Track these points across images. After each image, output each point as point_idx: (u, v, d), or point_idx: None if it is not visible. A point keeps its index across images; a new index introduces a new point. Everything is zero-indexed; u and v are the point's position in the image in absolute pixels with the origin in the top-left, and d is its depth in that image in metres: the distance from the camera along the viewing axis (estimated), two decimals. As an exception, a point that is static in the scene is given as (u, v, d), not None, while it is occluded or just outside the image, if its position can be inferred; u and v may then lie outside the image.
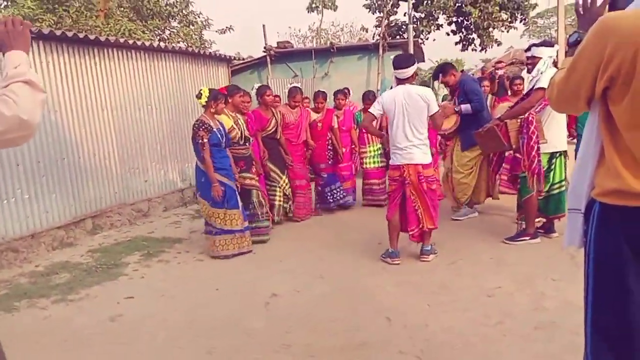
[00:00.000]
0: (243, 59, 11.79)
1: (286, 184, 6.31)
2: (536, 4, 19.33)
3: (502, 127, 4.90)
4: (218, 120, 5.18)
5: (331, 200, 6.89)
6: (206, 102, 5.06)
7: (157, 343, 3.43)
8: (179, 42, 14.22)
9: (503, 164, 5.69)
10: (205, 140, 4.94)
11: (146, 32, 13.54)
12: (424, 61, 19.76)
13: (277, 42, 12.31)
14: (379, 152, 7.16)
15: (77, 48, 6.46)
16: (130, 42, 7.40)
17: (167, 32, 15.06)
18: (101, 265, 5.17)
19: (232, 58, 10.46)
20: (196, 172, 5.25)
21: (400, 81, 4.63)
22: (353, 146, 7.30)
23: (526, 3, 18.75)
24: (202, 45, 14.99)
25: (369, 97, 7.14)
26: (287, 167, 6.37)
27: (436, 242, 5.09)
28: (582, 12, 2.04)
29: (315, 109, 6.91)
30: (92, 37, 6.61)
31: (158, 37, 14.37)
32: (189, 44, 13.88)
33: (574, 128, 7.18)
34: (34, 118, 1.49)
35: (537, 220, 5.19)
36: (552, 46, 4.87)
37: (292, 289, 4.26)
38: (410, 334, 3.31)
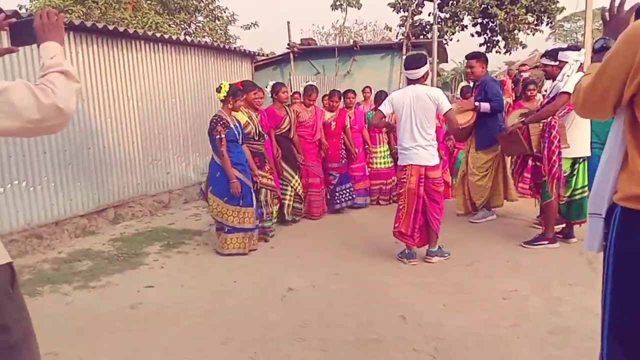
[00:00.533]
0: (266, 55, 11.87)
1: (298, 184, 6.31)
2: (563, 8, 19.08)
3: (524, 130, 4.89)
4: (235, 117, 5.18)
5: (338, 202, 6.85)
6: (224, 97, 5.04)
7: (176, 331, 3.51)
8: (204, 36, 14.40)
9: (524, 173, 5.69)
10: (223, 135, 4.93)
11: (172, 25, 13.74)
12: (446, 62, 19.67)
13: (301, 39, 12.38)
14: (388, 152, 7.36)
15: (105, 39, 6.59)
16: (158, 35, 7.52)
17: (193, 26, 15.27)
18: (122, 254, 5.29)
19: (256, 54, 10.55)
20: (211, 167, 5.20)
21: (410, 81, 4.61)
22: (366, 146, 7.33)
23: (553, 6, 18.53)
24: (227, 40, 15.16)
25: (381, 97, 7.12)
26: (299, 166, 6.36)
27: (453, 243, 5.11)
28: (608, 19, 2.04)
29: (329, 108, 6.89)
30: (121, 29, 6.73)
31: (184, 31, 14.58)
32: (214, 39, 14.04)
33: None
34: (69, 107, 1.54)
35: (556, 225, 5.16)
36: (579, 50, 4.83)
37: (308, 284, 4.31)
38: (424, 333, 3.33)
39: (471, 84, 6.73)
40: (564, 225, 5.23)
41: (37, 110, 1.46)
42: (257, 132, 5.52)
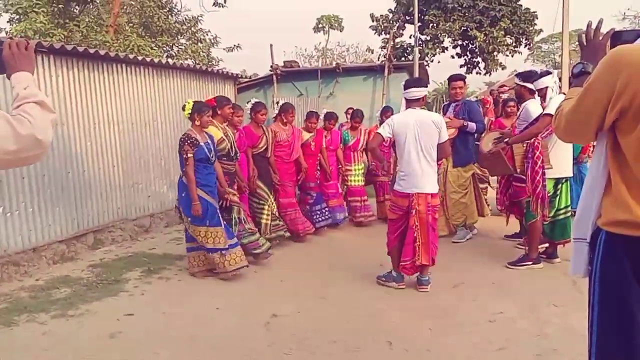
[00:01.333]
0: (249, 77, 11.90)
1: (273, 204, 6.21)
2: (541, 30, 19.53)
3: (508, 150, 4.93)
4: (207, 133, 5.06)
5: (318, 221, 6.84)
6: (189, 114, 4.92)
7: (157, 361, 3.41)
8: (186, 58, 14.38)
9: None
10: (190, 155, 4.81)
11: (154, 48, 13.70)
12: (428, 83, 19.89)
13: (284, 61, 12.45)
14: (362, 170, 7.50)
15: (86, 63, 6.53)
16: (139, 58, 7.48)
17: (175, 48, 15.26)
18: (102, 280, 5.16)
19: (239, 76, 10.56)
20: (179, 186, 5.09)
21: (410, 103, 4.53)
22: (340, 166, 7.40)
23: (531, 28, 18.95)
24: (210, 63, 15.16)
25: (357, 115, 7.45)
26: (274, 186, 6.30)
27: (438, 266, 5.08)
28: (585, 44, 2.07)
29: (307, 129, 6.87)
30: (102, 52, 6.68)
31: (166, 54, 14.55)
32: (197, 61, 14.03)
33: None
34: (47, 137, 1.52)
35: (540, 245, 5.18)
36: (551, 73, 5.01)
37: (293, 310, 4.23)
38: (411, 358, 3.28)
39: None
40: (547, 245, 5.24)
41: (14, 142, 1.43)
42: (233, 149, 5.42)
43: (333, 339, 3.62)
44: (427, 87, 4.58)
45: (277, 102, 6.66)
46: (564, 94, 7.33)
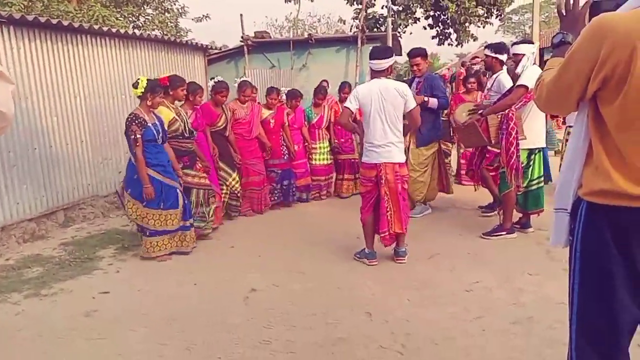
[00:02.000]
0: (219, 49, 11.62)
1: (236, 182, 6.19)
2: (512, 1, 19.54)
3: (482, 122, 4.94)
4: (155, 114, 4.86)
5: (281, 196, 6.87)
6: (142, 93, 4.71)
7: (136, 338, 3.36)
8: (153, 29, 13.96)
9: (461, 160, 5.88)
10: (139, 135, 4.61)
11: (120, 18, 13.25)
12: (401, 54, 19.83)
13: (255, 32, 12.16)
14: (328, 149, 7.38)
15: (49, 34, 6.27)
16: (105, 29, 7.22)
17: (142, 19, 14.78)
18: (75, 259, 5.05)
19: (208, 47, 10.31)
20: (128, 168, 4.89)
21: (375, 73, 4.45)
22: (306, 144, 7.26)
23: (502, -1, 18.93)
24: (178, 34, 14.76)
25: (320, 92, 7.31)
26: (237, 165, 6.24)
27: (412, 237, 5.13)
28: (564, 14, 2.05)
29: (268, 105, 6.74)
30: (65, 23, 6.41)
31: (132, 25, 14.09)
32: (164, 32, 13.64)
33: None
34: (9, 110, 1.43)
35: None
36: (533, 44, 4.96)
37: (270, 284, 4.22)
38: (391, 329, 3.32)
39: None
40: (521, 215, 5.33)
41: None
42: (187, 129, 5.22)
43: (312, 312, 3.63)
44: (392, 56, 4.50)
45: (242, 77, 6.47)
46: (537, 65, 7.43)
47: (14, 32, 5.76)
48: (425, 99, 5.69)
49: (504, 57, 5.30)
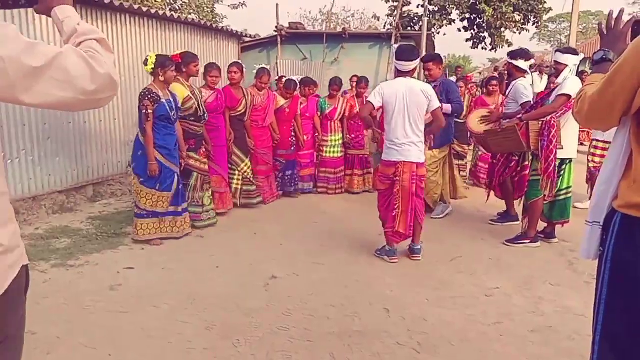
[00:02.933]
0: (251, 37, 11.68)
1: (248, 168, 6.18)
2: (550, 8, 19.23)
3: (522, 127, 4.88)
4: (170, 91, 4.84)
5: (291, 186, 6.92)
6: (152, 69, 4.69)
7: (157, 314, 3.45)
8: (190, 13, 14.09)
9: (479, 163, 6.59)
10: (150, 111, 4.59)
11: (157, 0, 13.39)
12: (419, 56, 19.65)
13: (289, 23, 12.17)
14: (340, 142, 7.24)
15: (89, 10, 6.39)
16: (144, 9, 7.32)
17: (179, 2, 14.92)
18: (102, 233, 5.17)
19: (243, 35, 10.38)
20: (135, 143, 4.87)
21: (401, 73, 4.50)
22: (316, 134, 7.20)
23: (540, 6, 18.65)
24: (213, 19, 14.87)
25: (335, 83, 7.16)
26: (250, 151, 6.22)
27: (437, 239, 5.15)
28: (605, 32, 2.06)
29: (284, 94, 6.77)
30: (106, 0, 6.52)
31: (169, 7, 14.23)
32: (201, 17, 13.75)
33: None
34: (118, 78, 1.39)
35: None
36: (578, 54, 4.92)
37: (291, 272, 4.27)
38: (408, 326, 3.34)
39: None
40: (546, 224, 5.28)
41: (91, 80, 1.28)
42: (200, 110, 5.18)
43: (331, 303, 3.67)
44: (418, 58, 4.59)
45: (260, 64, 6.51)
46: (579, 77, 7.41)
47: (57, 8, 5.88)
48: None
49: (523, 64, 5.25)
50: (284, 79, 7.30)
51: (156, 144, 4.68)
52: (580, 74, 6.84)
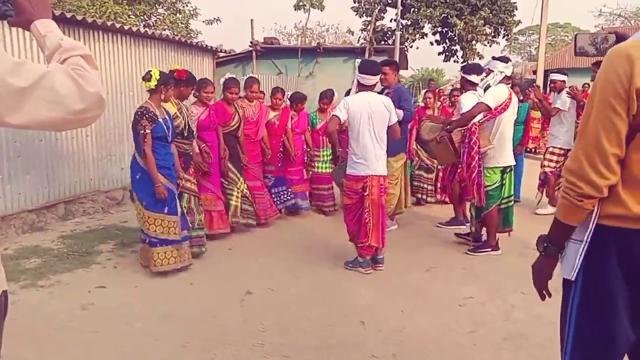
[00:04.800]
0: (227, 52, 11.71)
1: (244, 185, 5.84)
2: (519, 21, 19.74)
3: (449, 137, 5.00)
4: (164, 108, 4.54)
5: (278, 203, 6.48)
6: (155, 85, 4.36)
7: (131, 333, 3.40)
8: (164, 29, 14.06)
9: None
10: (148, 131, 4.26)
11: (132, 16, 13.36)
12: (406, 69, 19.97)
13: (264, 38, 12.30)
14: (330, 157, 6.90)
15: (62, 27, 6.29)
16: (117, 25, 7.29)
17: (154, 18, 14.89)
18: (73, 252, 5.08)
19: (218, 50, 10.40)
20: (132, 166, 4.48)
21: (364, 87, 4.55)
22: (308, 149, 6.94)
23: (510, 19, 19.14)
24: (188, 35, 14.86)
25: (326, 96, 6.92)
26: (243, 167, 5.91)
27: (412, 249, 5.20)
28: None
29: (272, 106, 6.53)
30: (79, 17, 6.48)
31: (143, 23, 14.20)
32: (175, 32, 13.74)
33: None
34: (105, 97, 1.33)
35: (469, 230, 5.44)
36: (507, 62, 5.09)
37: (266, 287, 4.25)
38: (384, 337, 3.36)
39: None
40: (473, 231, 5.37)
41: (80, 100, 1.23)
42: (187, 128, 4.87)
43: (307, 317, 3.66)
44: (380, 74, 4.73)
45: (248, 74, 6.35)
46: (533, 85, 7.71)
47: (27, 25, 5.82)
48: None
49: (475, 79, 5.27)
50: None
51: (158, 165, 4.35)
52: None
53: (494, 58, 5.19)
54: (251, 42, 11.76)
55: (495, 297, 4.07)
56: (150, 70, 4.44)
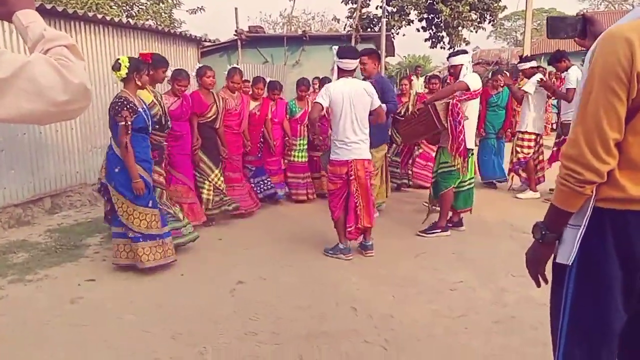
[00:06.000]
0: (211, 41, 11.59)
1: (218, 178, 5.70)
2: (505, 7, 19.75)
3: (432, 107, 5.05)
4: (140, 98, 4.32)
5: (259, 192, 6.49)
6: (127, 74, 4.12)
7: (121, 326, 3.38)
8: (147, 19, 13.87)
9: (417, 159, 7.18)
10: (130, 122, 4.03)
11: (113, 7, 13.15)
12: (393, 55, 19.94)
13: (249, 27, 12.17)
14: (306, 146, 6.97)
15: (43, 19, 6.20)
16: (99, 16, 7.17)
17: (136, 8, 14.67)
18: (61, 245, 5.03)
19: (202, 39, 10.29)
20: (108, 158, 4.24)
21: (344, 72, 4.55)
22: (286, 138, 6.86)
23: (495, 5, 19.14)
24: (172, 25, 14.68)
25: (303, 84, 6.89)
26: (221, 160, 5.78)
27: (399, 236, 5.22)
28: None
29: (253, 96, 6.39)
30: (60, 8, 6.36)
31: (126, 13, 13.98)
32: (158, 22, 13.56)
33: (483, 128, 7.65)
34: (90, 88, 1.27)
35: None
36: (467, 53, 5.31)
37: (257, 276, 4.24)
38: (375, 324, 3.36)
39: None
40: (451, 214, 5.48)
41: (63, 91, 1.18)
42: (164, 118, 4.67)
43: (298, 305, 3.66)
44: (359, 58, 4.76)
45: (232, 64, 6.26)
46: (503, 72, 7.83)
47: (6, 16, 5.70)
48: None
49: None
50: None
51: (137, 158, 4.15)
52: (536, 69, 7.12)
53: (452, 55, 5.38)
54: (236, 31, 11.64)
55: (486, 281, 4.09)
56: (119, 59, 4.19)
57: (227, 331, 3.28)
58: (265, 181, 6.61)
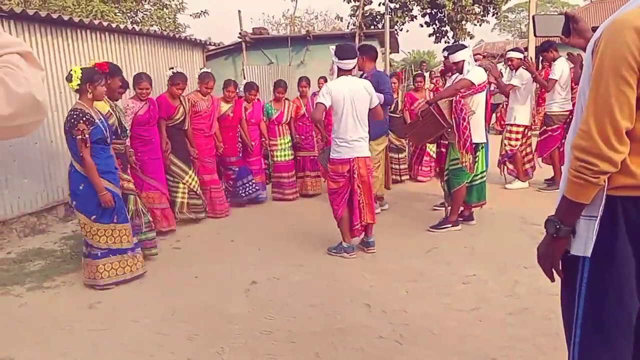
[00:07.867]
0: (216, 44, 11.66)
1: (193, 180, 5.76)
2: (508, -2, 19.64)
3: (435, 108, 5.08)
4: (96, 108, 4.17)
5: (243, 195, 6.59)
6: (79, 85, 3.99)
7: (138, 329, 3.43)
8: (152, 25, 13.98)
9: (424, 159, 7.30)
10: (87, 135, 3.89)
11: (118, 14, 13.27)
12: (397, 52, 19.92)
13: (253, 28, 12.23)
14: (289, 144, 7.02)
15: (49, 29, 6.29)
16: (105, 24, 7.25)
17: (140, 14, 14.79)
18: (76, 252, 5.08)
19: (207, 43, 10.36)
20: (71, 177, 4.09)
21: (343, 72, 4.61)
22: (263, 139, 6.96)
23: (498, -3, 19.04)
24: (176, 29, 14.77)
25: (280, 85, 6.93)
26: (193, 161, 5.82)
27: (410, 231, 5.25)
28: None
29: (224, 99, 6.45)
30: (66, 17, 6.44)
31: (130, 20, 14.10)
32: (163, 28, 13.66)
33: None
34: (45, 99, 1.12)
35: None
36: (466, 47, 5.28)
37: (271, 276, 4.29)
38: (389, 319, 3.39)
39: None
40: (463, 208, 5.48)
41: (7, 103, 1.04)
42: (121, 125, 4.59)
43: (312, 303, 3.70)
44: (357, 57, 4.78)
45: (202, 68, 6.33)
46: (491, 64, 7.79)
47: (14, 27, 5.79)
48: None
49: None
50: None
51: (100, 170, 4.00)
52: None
53: (449, 52, 5.38)
54: (240, 34, 11.70)
55: (498, 274, 4.11)
56: (72, 69, 4.07)
57: (243, 331, 3.33)
58: (251, 183, 6.66)
